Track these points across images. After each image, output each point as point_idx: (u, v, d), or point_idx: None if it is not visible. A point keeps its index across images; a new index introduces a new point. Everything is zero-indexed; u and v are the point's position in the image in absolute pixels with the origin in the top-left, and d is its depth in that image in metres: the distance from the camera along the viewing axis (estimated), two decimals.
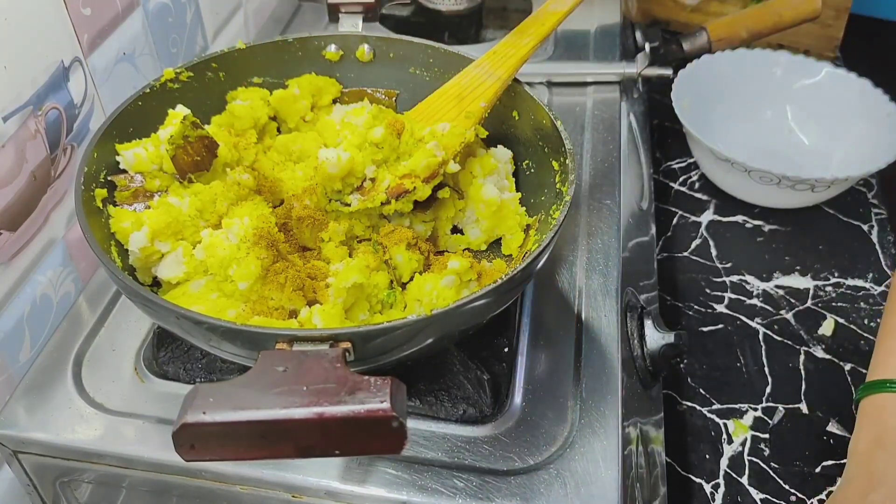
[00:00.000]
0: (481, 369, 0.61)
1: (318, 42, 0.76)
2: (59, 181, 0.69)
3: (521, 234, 0.67)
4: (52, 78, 0.66)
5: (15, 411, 0.61)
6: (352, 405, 0.40)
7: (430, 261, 0.64)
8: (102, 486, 0.64)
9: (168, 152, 0.62)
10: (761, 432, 0.79)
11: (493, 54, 0.70)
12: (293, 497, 0.58)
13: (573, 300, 0.70)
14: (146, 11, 0.80)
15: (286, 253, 0.61)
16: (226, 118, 0.71)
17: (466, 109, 0.66)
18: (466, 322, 0.54)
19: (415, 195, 0.62)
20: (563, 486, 0.56)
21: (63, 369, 0.64)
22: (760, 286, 0.93)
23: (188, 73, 0.70)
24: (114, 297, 0.70)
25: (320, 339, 0.46)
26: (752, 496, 0.74)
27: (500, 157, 0.70)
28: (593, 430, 0.59)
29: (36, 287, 0.68)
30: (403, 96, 0.77)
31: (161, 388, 0.63)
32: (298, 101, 0.74)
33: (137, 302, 0.53)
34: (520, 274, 0.52)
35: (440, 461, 0.57)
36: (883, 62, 1.27)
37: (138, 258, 0.60)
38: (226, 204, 0.62)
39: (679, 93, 1.02)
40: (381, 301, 0.60)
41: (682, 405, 0.82)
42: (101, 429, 0.60)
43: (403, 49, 0.76)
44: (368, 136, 0.64)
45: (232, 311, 0.56)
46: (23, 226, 0.65)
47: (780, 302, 0.91)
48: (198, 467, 0.58)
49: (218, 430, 0.40)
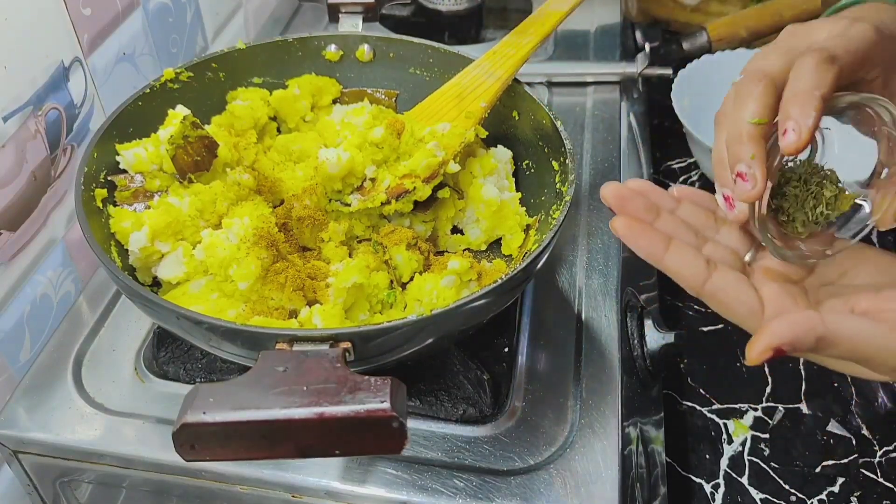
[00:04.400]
0: (481, 369, 0.61)
1: (318, 42, 0.76)
2: (59, 181, 0.69)
3: (521, 234, 0.67)
4: (52, 78, 0.66)
5: (15, 411, 0.61)
6: (352, 405, 0.40)
7: (430, 261, 0.64)
8: (102, 486, 0.64)
9: (168, 152, 0.62)
10: (761, 432, 0.79)
11: (493, 54, 0.70)
12: (293, 497, 0.58)
13: (573, 300, 0.70)
14: (146, 11, 0.80)
15: (286, 253, 0.61)
16: (226, 118, 0.71)
17: (466, 109, 0.66)
18: (466, 322, 0.54)
19: (415, 195, 0.62)
20: (563, 486, 0.55)
21: (63, 369, 0.64)
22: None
23: (188, 73, 0.70)
24: (114, 297, 0.70)
25: (320, 339, 0.46)
26: (752, 496, 0.74)
27: (500, 157, 0.70)
28: (593, 430, 0.59)
29: (36, 287, 0.68)
30: (403, 96, 0.77)
31: (161, 388, 0.63)
32: (298, 101, 0.74)
33: (137, 302, 0.53)
34: (520, 274, 0.52)
35: (440, 461, 0.57)
36: None
37: (138, 258, 0.60)
38: (226, 204, 0.62)
39: (679, 93, 1.02)
40: (381, 301, 0.60)
41: (682, 405, 0.82)
42: (101, 429, 0.60)
43: (403, 49, 0.76)
44: (368, 136, 0.64)
45: (232, 311, 0.56)
46: (23, 226, 0.65)
47: None
48: (198, 467, 0.58)
49: (218, 430, 0.40)
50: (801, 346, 0.40)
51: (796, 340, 0.40)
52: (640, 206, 0.48)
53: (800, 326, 0.41)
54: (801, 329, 0.40)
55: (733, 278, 0.45)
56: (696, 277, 0.45)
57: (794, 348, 0.41)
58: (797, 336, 0.40)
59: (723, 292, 0.45)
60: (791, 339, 0.40)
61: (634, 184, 0.49)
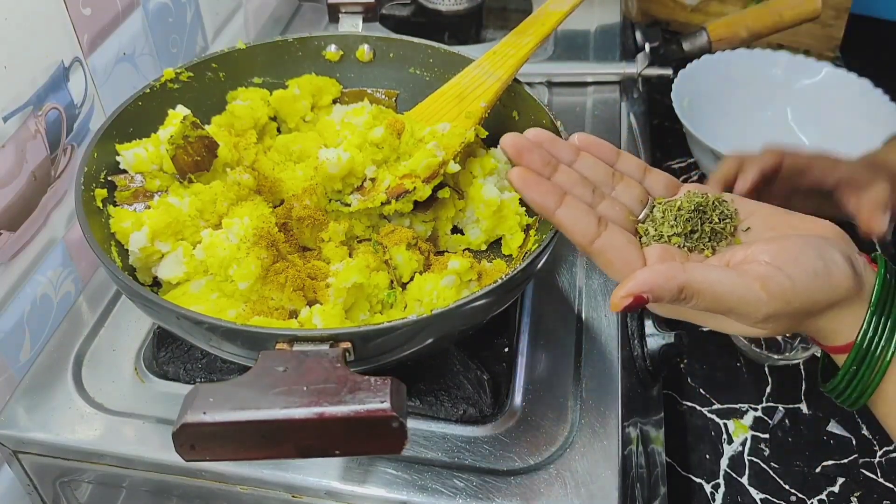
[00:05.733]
0: (481, 369, 0.61)
1: (318, 42, 0.76)
2: (59, 181, 0.69)
3: (522, 234, 0.67)
4: (52, 78, 0.66)
5: (15, 411, 0.61)
6: (352, 405, 0.40)
7: (431, 261, 0.64)
8: (102, 486, 0.64)
9: (168, 152, 0.61)
10: (761, 432, 0.79)
11: (493, 54, 0.70)
12: (293, 497, 0.58)
13: (573, 300, 0.70)
14: (146, 11, 0.80)
15: (286, 253, 0.61)
16: (226, 118, 0.71)
17: (466, 109, 0.66)
18: (466, 322, 0.54)
19: (415, 195, 0.62)
20: (563, 486, 0.56)
21: (63, 369, 0.64)
22: None
23: (188, 73, 0.70)
24: (114, 297, 0.70)
25: (320, 339, 0.46)
26: (752, 496, 0.74)
27: (500, 157, 0.70)
28: (593, 430, 0.59)
29: (36, 287, 0.68)
30: (403, 96, 0.77)
31: (161, 388, 0.63)
32: (298, 101, 0.74)
33: (137, 302, 0.53)
34: (520, 274, 0.52)
35: (440, 461, 0.57)
36: (883, 62, 1.27)
37: (138, 258, 0.59)
38: (226, 204, 0.62)
39: (679, 93, 1.02)
40: (381, 301, 0.60)
41: (682, 405, 0.82)
42: (101, 429, 0.60)
43: (403, 49, 0.76)
44: (368, 136, 0.64)
45: (232, 311, 0.56)
46: (23, 226, 0.65)
47: None
48: (198, 467, 0.58)
49: (218, 430, 0.40)
50: (662, 295, 0.42)
51: (657, 287, 0.41)
52: (537, 158, 0.48)
53: (662, 275, 0.42)
54: (663, 277, 0.42)
55: (621, 239, 0.46)
56: (586, 235, 0.46)
57: (655, 296, 0.42)
58: (658, 283, 0.41)
59: (610, 252, 0.46)
60: (652, 285, 0.41)
61: (533, 133, 0.49)
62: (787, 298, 0.42)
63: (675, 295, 0.42)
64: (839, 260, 0.44)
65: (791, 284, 0.42)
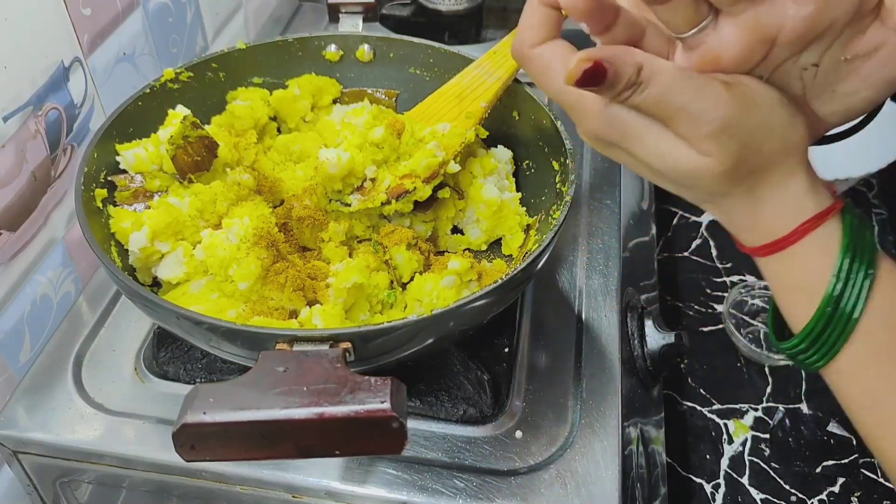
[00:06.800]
0: (481, 369, 0.61)
1: (318, 42, 0.76)
2: (59, 181, 0.69)
3: (522, 234, 0.67)
4: (52, 78, 0.66)
5: (15, 411, 0.61)
6: (352, 405, 0.40)
7: (431, 261, 0.64)
8: (102, 487, 0.64)
9: (168, 152, 0.62)
10: (761, 432, 0.79)
11: (494, 54, 0.70)
12: (293, 497, 0.58)
13: (573, 300, 0.70)
14: (146, 11, 0.80)
15: (286, 253, 0.61)
16: (226, 118, 0.71)
17: (467, 109, 0.66)
18: (466, 322, 0.54)
19: (415, 195, 0.62)
20: (563, 486, 0.55)
21: (63, 369, 0.64)
22: (761, 286, 0.93)
23: (188, 73, 0.70)
24: (114, 297, 0.70)
25: (320, 340, 0.46)
26: (752, 496, 0.74)
27: (500, 157, 0.70)
28: (593, 430, 0.59)
29: (36, 287, 0.68)
30: (403, 96, 0.77)
31: (161, 389, 0.63)
32: (298, 101, 0.74)
33: (137, 302, 0.53)
34: (520, 274, 0.52)
35: (440, 461, 0.57)
36: None
37: (138, 258, 0.59)
38: (226, 204, 0.62)
39: None
40: (381, 301, 0.60)
41: (682, 405, 0.82)
42: (101, 429, 0.60)
43: (403, 49, 0.76)
44: (368, 136, 0.64)
45: (232, 312, 0.56)
46: (23, 226, 0.65)
47: None
48: (198, 467, 0.58)
49: (218, 431, 0.40)
50: (622, 69, 0.38)
51: (618, 59, 0.37)
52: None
53: (625, 50, 0.38)
54: (626, 51, 0.38)
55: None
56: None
57: (616, 69, 0.37)
58: (619, 55, 0.38)
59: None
60: (614, 55, 0.37)
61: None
62: (748, 106, 0.39)
63: (633, 74, 0.38)
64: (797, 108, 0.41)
65: (753, 96, 0.39)
